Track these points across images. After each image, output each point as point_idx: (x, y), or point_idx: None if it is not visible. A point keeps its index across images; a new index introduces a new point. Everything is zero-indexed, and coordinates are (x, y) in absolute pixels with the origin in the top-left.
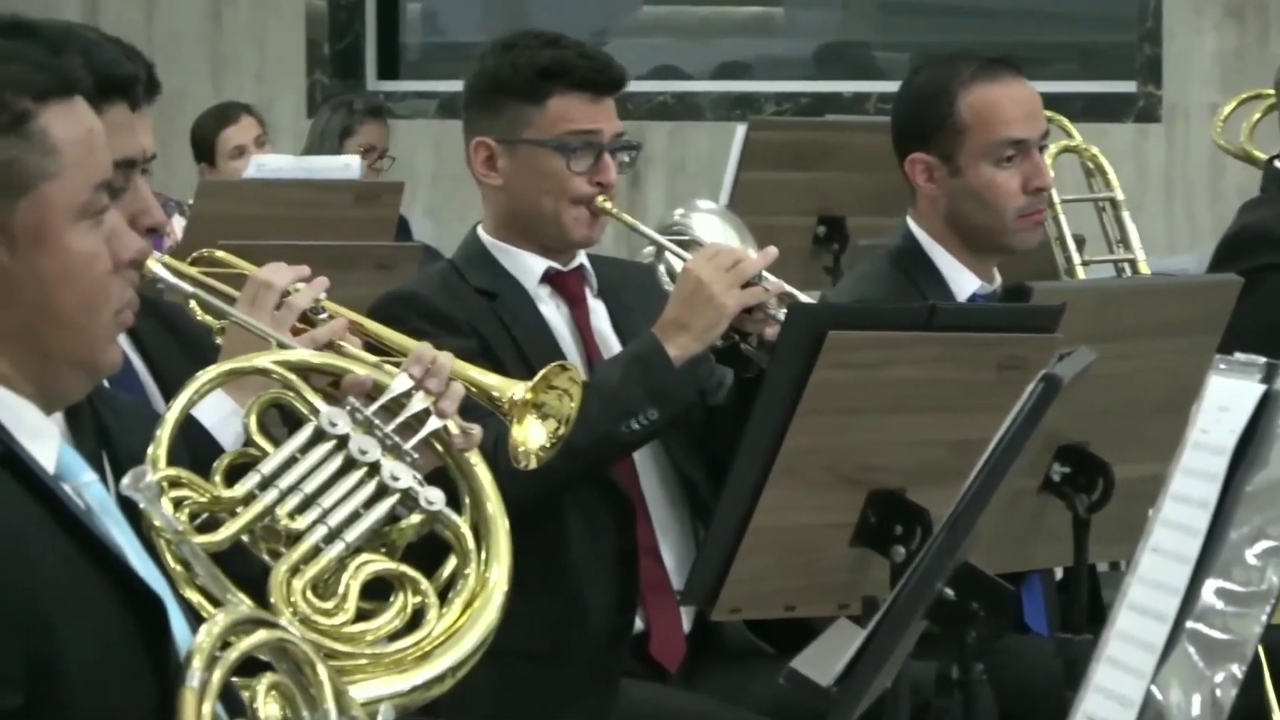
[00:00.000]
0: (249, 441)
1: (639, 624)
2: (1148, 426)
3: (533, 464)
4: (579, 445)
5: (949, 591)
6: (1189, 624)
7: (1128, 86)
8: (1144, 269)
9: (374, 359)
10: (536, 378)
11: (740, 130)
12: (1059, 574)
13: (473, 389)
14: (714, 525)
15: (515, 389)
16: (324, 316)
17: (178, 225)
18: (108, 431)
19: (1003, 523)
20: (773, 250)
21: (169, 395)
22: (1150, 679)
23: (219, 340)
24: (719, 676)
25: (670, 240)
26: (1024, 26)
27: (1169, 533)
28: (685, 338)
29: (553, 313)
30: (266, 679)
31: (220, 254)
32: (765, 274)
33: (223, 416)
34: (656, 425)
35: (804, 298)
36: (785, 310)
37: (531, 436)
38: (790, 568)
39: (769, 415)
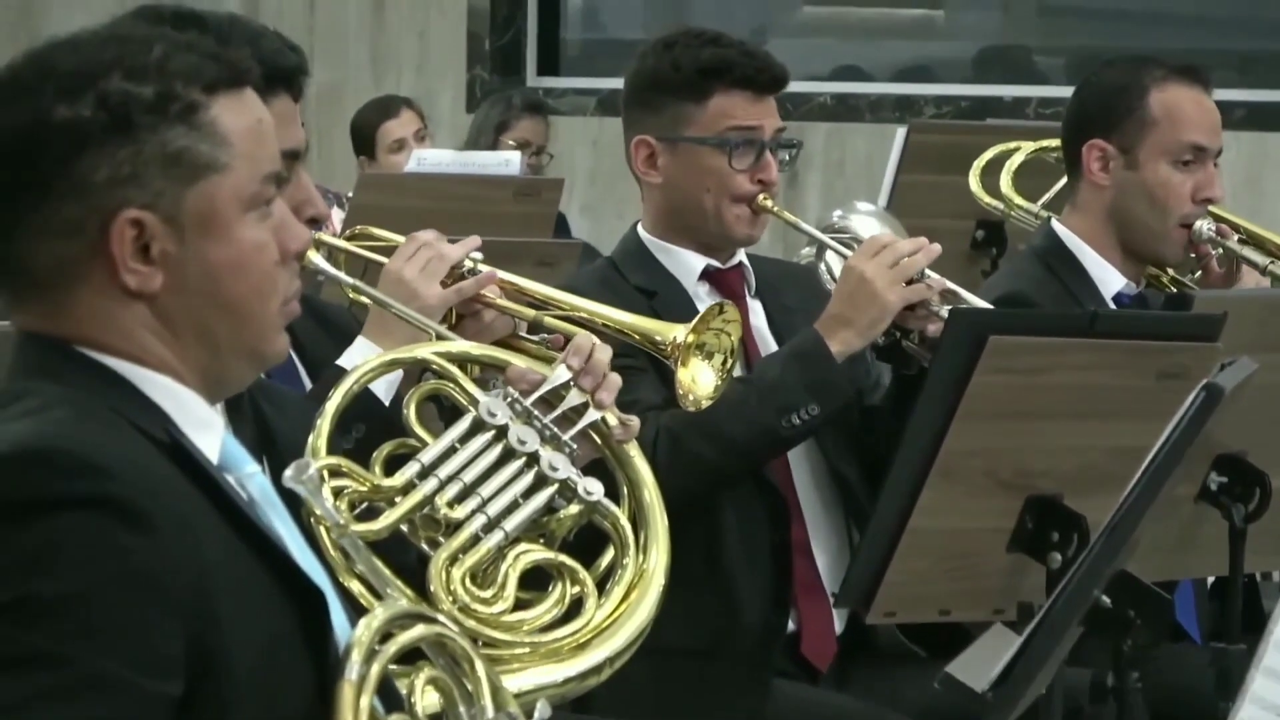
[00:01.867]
0: (408, 431)
1: (790, 624)
2: None
3: (703, 405)
4: (739, 439)
5: (1106, 599)
6: None
7: None
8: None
9: (536, 315)
10: (695, 319)
11: (900, 133)
12: (1209, 579)
13: (635, 336)
14: (871, 527)
15: (676, 331)
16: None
17: (336, 217)
18: (266, 421)
19: (1158, 531)
20: (936, 246)
21: None
22: None
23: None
24: (870, 678)
25: (831, 238)
26: (1185, 33)
27: None
28: (848, 333)
29: None
30: (425, 673)
31: (375, 230)
32: (928, 271)
33: None
34: (817, 421)
35: (967, 295)
36: (948, 308)
37: (699, 379)
38: (946, 572)
39: (928, 418)
